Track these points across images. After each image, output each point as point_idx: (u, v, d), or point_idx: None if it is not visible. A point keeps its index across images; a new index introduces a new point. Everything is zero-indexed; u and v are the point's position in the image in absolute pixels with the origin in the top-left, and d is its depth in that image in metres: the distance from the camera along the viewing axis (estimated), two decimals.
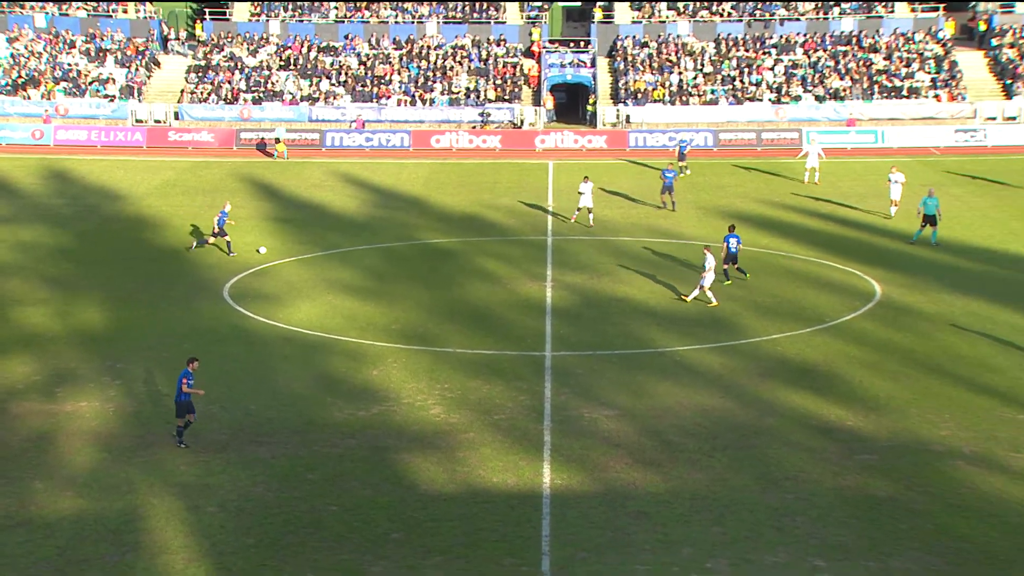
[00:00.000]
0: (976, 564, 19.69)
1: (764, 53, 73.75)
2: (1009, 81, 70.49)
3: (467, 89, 72.10)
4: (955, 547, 20.25)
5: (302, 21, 77.84)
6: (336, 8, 78.47)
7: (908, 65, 71.84)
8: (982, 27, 76.45)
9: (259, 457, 24.36)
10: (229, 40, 76.03)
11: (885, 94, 70.06)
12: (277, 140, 63.88)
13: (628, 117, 69.69)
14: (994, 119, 68.00)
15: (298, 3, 78.42)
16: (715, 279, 34.95)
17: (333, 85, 72.57)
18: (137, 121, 69.99)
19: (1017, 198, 49.68)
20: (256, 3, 78.72)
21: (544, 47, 75.43)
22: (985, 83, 71.66)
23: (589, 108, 71.66)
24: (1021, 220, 45.34)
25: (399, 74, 73.32)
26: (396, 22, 77.57)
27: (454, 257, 41.76)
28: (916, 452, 24.24)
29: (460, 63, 74.17)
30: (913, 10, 77.29)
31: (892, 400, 27.10)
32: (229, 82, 72.39)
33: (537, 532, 21.07)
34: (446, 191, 54.25)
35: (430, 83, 72.53)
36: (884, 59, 72.55)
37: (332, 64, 74.17)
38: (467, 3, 78.74)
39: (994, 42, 73.78)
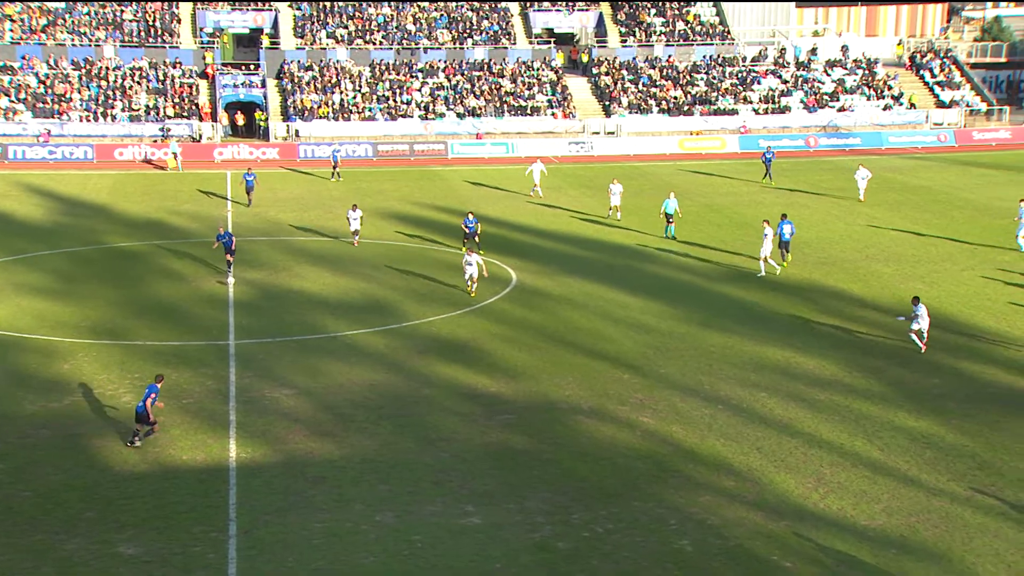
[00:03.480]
0: (592, 499, 20.78)
1: (412, 77, 74.67)
2: (607, 103, 75.04)
3: (147, 107, 68.62)
4: (577, 486, 21.30)
5: None
6: (12, 31, 72.53)
7: (530, 88, 74.87)
8: (584, 59, 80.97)
9: None
10: None
11: (513, 112, 72.70)
12: (175, 155, 60.64)
13: (297, 131, 68.71)
14: (598, 133, 72.19)
15: None
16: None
17: (13, 102, 67.01)
18: None
19: (625, 197, 52.69)
20: None
21: (218, 70, 73.06)
22: (590, 104, 75.84)
23: (261, 124, 70.04)
24: (622, 215, 48.06)
25: (79, 92, 68.72)
26: (74, 45, 72.62)
27: (141, 259, 39.66)
28: (546, 410, 25.27)
29: (139, 83, 70.46)
30: (531, 43, 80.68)
31: (527, 368, 28.12)
32: None
33: (224, 501, 20.44)
34: (131, 199, 51.44)
35: (111, 101, 68.45)
36: (511, 83, 75.26)
37: (11, 83, 68.46)
38: (142, 28, 75.00)
39: (594, 71, 78.29)
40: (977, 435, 23.57)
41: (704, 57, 79.85)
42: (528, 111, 72.85)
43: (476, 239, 38.87)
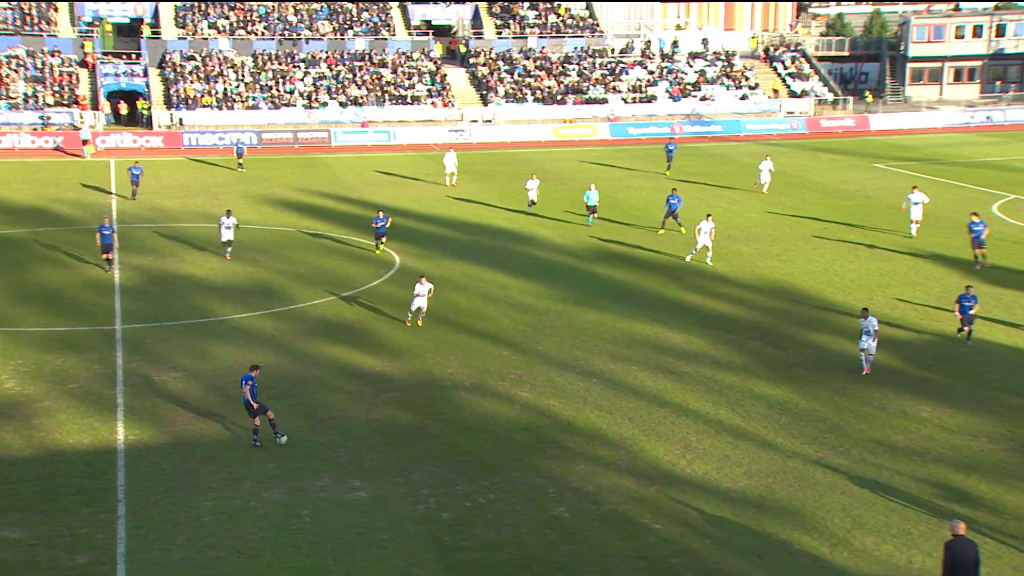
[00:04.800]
0: (475, 471, 20.87)
1: (295, 66, 73.31)
2: (484, 92, 75.04)
3: (25, 95, 65.65)
4: (460, 459, 21.36)
5: None
6: None
7: (410, 78, 74.31)
8: (463, 49, 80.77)
9: None
10: None
11: (394, 101, 72.07)
12: (84, 141, 58.05)
13: (181, 120, 66.75)
14: (476, 121, 72.15)
15: None
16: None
17: None
18: None
19: (498, 183, 52.86)
20: None
21: (98, 59, 70.36)
22: (468, 93, 75.73)
23: (145, 113, 67.80)
24: (500, 200, 48.23)
25: None
26: None
27: (23, 246, 38.02)
28: (430, 387, 25.24)
29: (16, 71, 67.34)
30: (410, 34, 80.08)
31: (411, 347, 28.02)
32: None
33: (113, 483, 19.84)
34: (11, 187, 49.22)
35: None
36: (391, 73, 74.57)
37: None
38: (17, 16, 71.67)
39: (472, 61, 78.20)
40: (827, 400, 24.51)
41: (575, 49, 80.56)
42: (409, 100, 72.32)
43: (384, 238, 37.97)
